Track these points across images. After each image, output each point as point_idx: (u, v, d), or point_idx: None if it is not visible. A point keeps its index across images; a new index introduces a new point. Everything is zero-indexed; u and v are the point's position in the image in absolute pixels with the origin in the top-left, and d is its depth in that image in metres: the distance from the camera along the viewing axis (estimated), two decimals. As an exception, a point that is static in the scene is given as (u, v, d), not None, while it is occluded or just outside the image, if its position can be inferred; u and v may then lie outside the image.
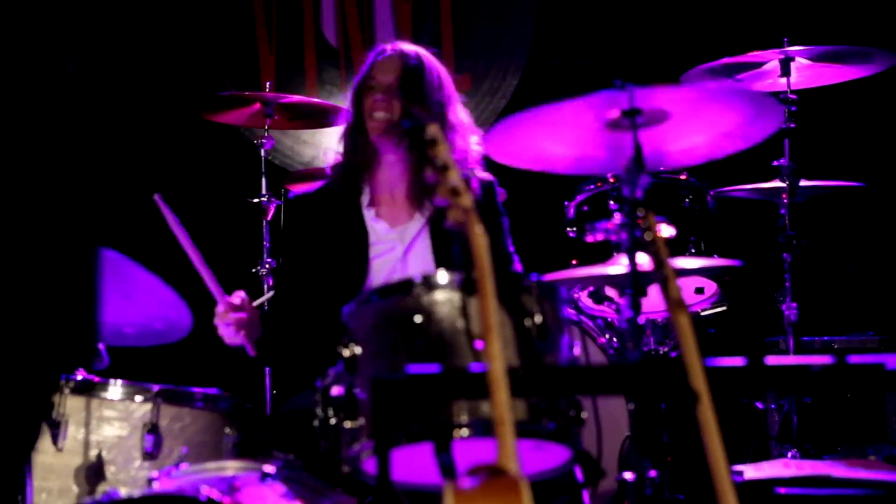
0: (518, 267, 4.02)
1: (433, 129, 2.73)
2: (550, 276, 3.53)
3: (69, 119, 1.60)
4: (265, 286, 5.31)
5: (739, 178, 5.03)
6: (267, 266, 5.32)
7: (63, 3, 1.59)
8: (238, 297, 3.79)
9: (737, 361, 2.48)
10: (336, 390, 3.27)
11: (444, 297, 2.94)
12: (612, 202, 4.72)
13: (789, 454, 4.73)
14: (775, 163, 4.95)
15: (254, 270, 5.35)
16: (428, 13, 6.81)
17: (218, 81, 6.66)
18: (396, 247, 3.93)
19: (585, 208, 4.85)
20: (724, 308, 4.85)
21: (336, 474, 3.30)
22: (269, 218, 5.36)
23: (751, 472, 3.69)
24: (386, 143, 3.93)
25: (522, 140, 3.14)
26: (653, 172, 4.47)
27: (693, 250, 4.70)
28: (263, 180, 5.40)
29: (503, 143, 3.16)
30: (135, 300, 3.64)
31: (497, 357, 2.52)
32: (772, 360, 2.43)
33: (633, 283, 3.04)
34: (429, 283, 2.97)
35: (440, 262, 3.85)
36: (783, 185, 4.92)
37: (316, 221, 3.99)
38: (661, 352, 4.81)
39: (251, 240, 5.43)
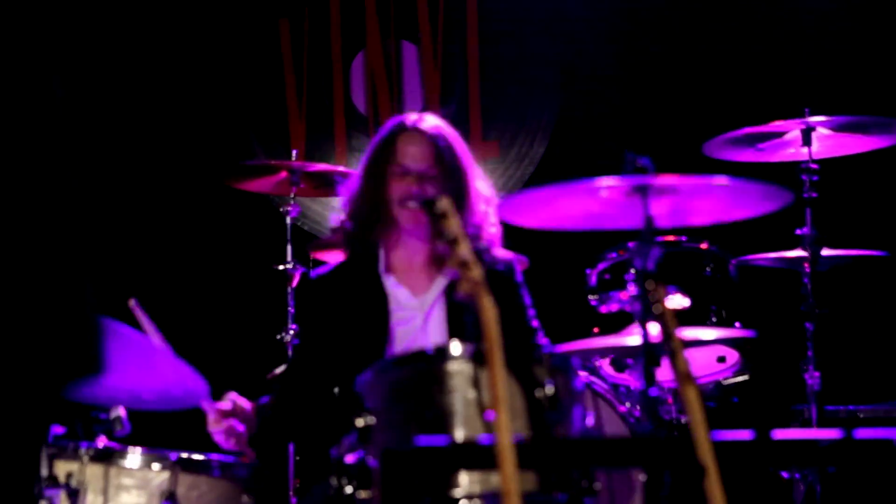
0: (542, 340, 4.02)
1: (444, 203, 2.77)
2: (570, 345, 3.56)
3: (98, 182, 1.64)
4: (289, 352, 5.34)
5: (761, 247, 5.04)
6: (291, 333, 5.36)
7: (97, 66, 1.63)
8: (230, 401, 3.79)
9: (744, 435, 2.49)
10: (349, 459, 3.30)
11: (457, 368, 2.97)
12: (631, 271, 4.74)
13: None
14: (798, 231, 4.96)
15: (278, 337, 5.38)
16: (456, 81, 6.88)
17: (248, 148, 6.74)
18: (417, 314, 3.94)
19: (607, 276, 4.86)
20: (747, 377, 4.84)
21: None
22: (294, 285, 5.40)
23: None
24: (410, 219, 3.89)
25: (540, 204, 3.19)
26: (673, 242, 4.51)
27: (714, 319, 4.70)
28: (289, 247, 5.44)
29: (520, 206, 3.20)
30: (152, 368, 3.68)
31: (505, 429, 2.54)
32: (779, 433, 2.44)
33: (646, 355, 3.05)
34: (441, 354, 3.00)
35: (454, 331, 3.85)
36: (805, 254, 4.93)
37: (336, 297, 3.99)
38: (683, 421, 4.80)
39: (276, 307, 5.47)
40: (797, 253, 4.97)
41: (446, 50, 6.89)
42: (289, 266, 5.41)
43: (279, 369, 5.28)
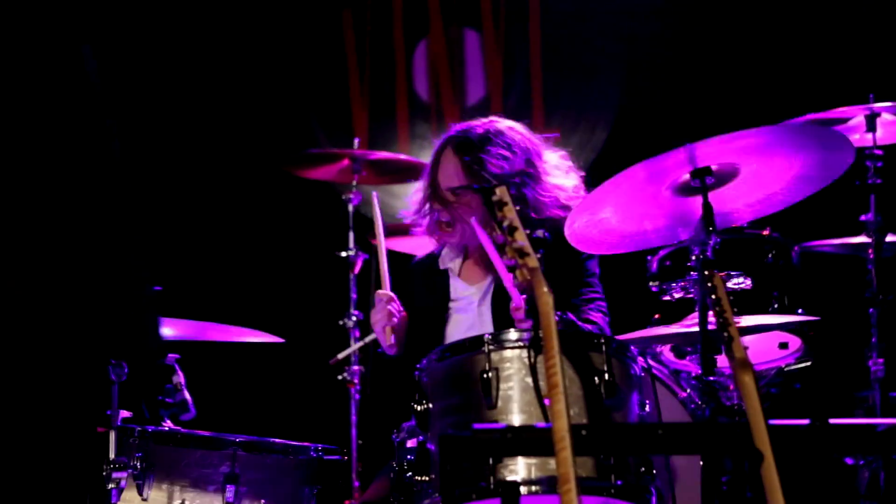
0: (595, 316, 3.97)
1: (501, 192, 2.79)
2: (632, 334, 3.56)
3: (162, 172, 1.66)
4: (352, 338, 5.39)
5: (824, 233, 5.01)
6: (353, 319, 5.40)
7: (163, 55, 1.65)
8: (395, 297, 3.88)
9: (801, 422, 2.49)
10: (410, 444, 3.35)
11: (513, 355, 3.00)
12: (693, 258, 4.74)
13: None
14: (862, 217, 4.93)
15: (340, 323, 5.43)
16: (518, 68, 6.88)
17: (312, 137, 6.79)
18: (473, 303, 3.98)
19: (668, 263, 4.86)
20: (809, 363, 4.81)
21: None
22: (356, 271, 5.45)
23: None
24: (448, 238, 3.99)
25: (596, 226, 3.22)
26: (736, 228, 4.49)
27: (776, 305, 4.68)
28: (351, 234, 5.49)
29: (577, 231, 3.24)
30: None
31: (562, 415, 2.56)
32: (837, 421, 2.44)
33: (703, 342, 3.06)
34: (498, 341, 3.02)
35: (498, 318, 3.87)
36: (869, 240, 4.89)
37: (415, 284, 4.08)
38: (738, 406, 4.79)
39: (338, 293, 5.52)
40: (861, 239, 4.94)
41: (508, 38, 6.89)
42: (351, 253, 5.46)
43: (341, 354, 5.34)
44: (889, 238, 4.87)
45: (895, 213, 4.94)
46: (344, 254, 5.48)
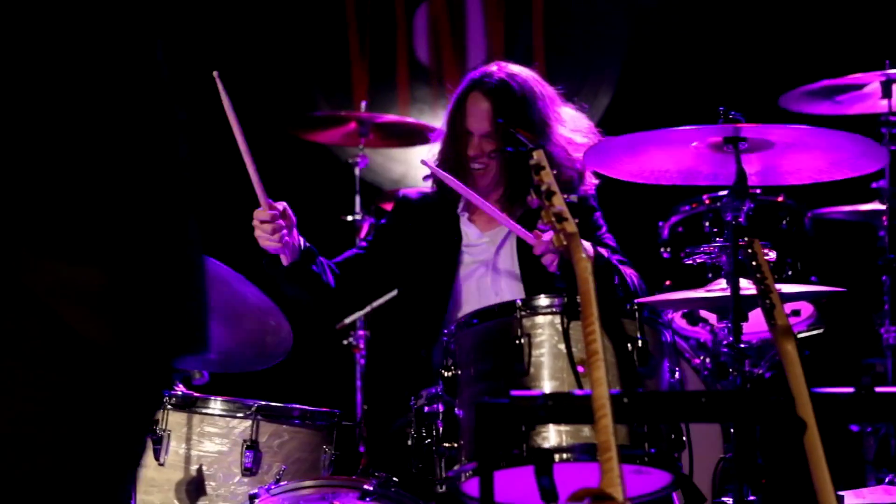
0: (628, 271, 3.90)
1: (538, 156, 2.75)
2: (649, 298, 3.52)
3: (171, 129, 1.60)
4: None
5: (837, 200, 4.98)
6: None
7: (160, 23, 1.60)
8: (282, 205, 3.72)
9: (845, 390, 2.46)
10: (430, 410, 3.30)
11: (546, 321, 2.96)
12: (707, 224, 4.70)
13: (887, 479, 4.65)
14: (874, 185, 4.90)
15: (347, 287, 5.38)
16: (521, 31, 6.82)
17: (311, 99, 6.72)
18: (486, 250, 3.90)
19: (680, 229, 4.82)
20: (822, 330, 4.79)
21: (429, 494, 3.32)
22: (362, 235, 5.40)
23: (851, 498, 3.64)
24: (479, 178, 3.89)
25: (626, 155, 3.17)
26: (751, 194, 4.45)
27: (790, 272, 4.65)
28: (357, 198, 5.44)
29: (606, 157, 3.19)
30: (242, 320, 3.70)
31: (602, 382, 2.52)
32: (881, 389, 2.40)
33: (736, 309, 3.03)
34: (530, 307, 2.98)
35: (525, 269, 3.79)
36: (882, 207, 4.86)
37: (418, 220, 3.97)
38: (756, 374, 4.77)
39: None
40: (873, 206, 4.91)
41: (510, 1, 6.83)
42: (357, 217, 5.41)
43: (348, 319, 5.29)
44: (903, 205, 4.84)
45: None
46: (350, 218, 5.42)
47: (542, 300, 2.98)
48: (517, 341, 2.93)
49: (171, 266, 1.59)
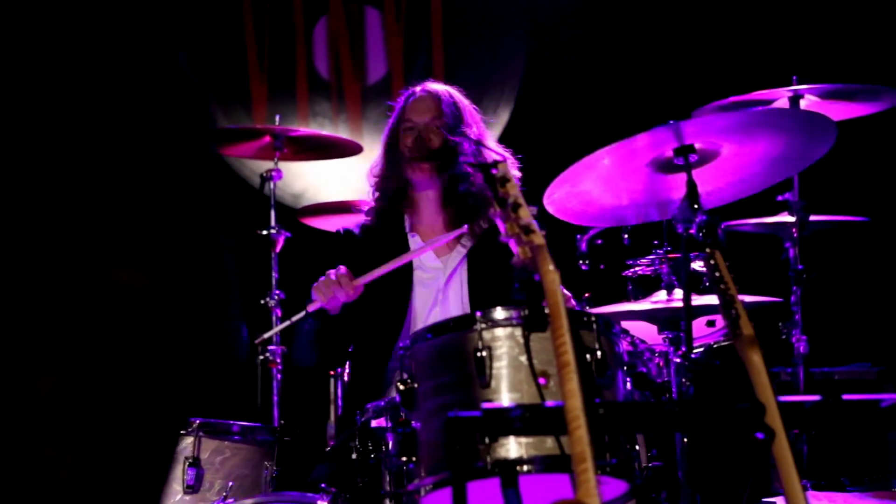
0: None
1: (503, 168, 2.77)
2: (596, 310, 3.58)
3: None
4: (273, 317, 5.30)
5: (744, 213, 5.10)
6: (276, 298, 5.32)
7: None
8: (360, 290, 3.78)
9: (811, 398, 2.53)
10: (376, 424, 3.30)
11: (505, 333, 2.97)
12: (626, 236, 4.77)
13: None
14: (780, 197, 5.03)
15: (262, 302, 5.34)
16: (419, 46, 6.85)
17: (208, 113, 6.65)
18: (439, 276, 3.97)
19: (599, 241, 4.89)
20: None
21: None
22: (277, 250, 5.36)
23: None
24: (423, 180, 3.97)
25: (576, 197, 3.21)
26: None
27: (707, 284, 4.74)
28: (272, 213, 5.39)
29: (557, 200, 3.23)
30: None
31: (575, 394, 2.55)
32: (848, 396, 2.48)
33: (687, 319, 3.08)
34: (489, 319, 3.00)
35: (474, 297, 3.89)
36: (789, 219, 4.99)
37: (365, 251, 4.01)
38: (660, 382, 4.85)
39: (260, 272, 5.42)
40: (777, 218, 5.03)
41: (409, 16, 6.86)
42: (273, 231, 5.37)
43: (267, 334, 5.24)
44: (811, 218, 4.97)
45: (813, 192, 5.04)
46: (265, 232, 5.38)
47: (499, 313, 3.00)
48: (477, 354, 2.94)
49: (211, 274, 1.58)
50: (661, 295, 3.76)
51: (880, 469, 5.28)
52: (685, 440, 3.09)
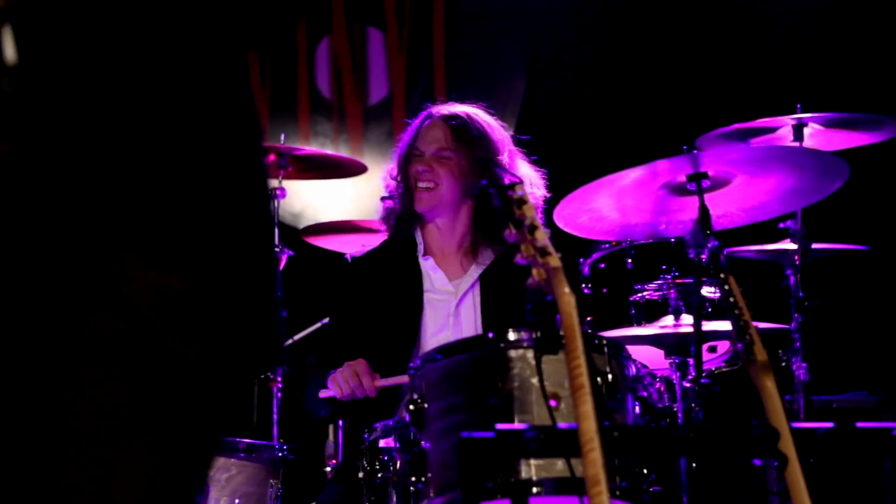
0: None
1: (520, 189, 2.77)
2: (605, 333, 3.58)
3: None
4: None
5: (746, 240, 5.12)
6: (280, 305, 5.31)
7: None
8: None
9: (825, 425, 2.54)
10: (384, 444, 3.31)
11: (518, 355, 2.98)
12: (629, 261, 4.78)
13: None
14: (782, 225, 5.04)
15: (264, 320, 5.34)
16: (422, 66, 6.87)
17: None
18: (451, 300, 3.96)
19: (602, 265, 4.90)
20: (738, 366, 4.90)
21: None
22: (280, 268, 5.36)
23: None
24: (427, 210, 3.96)
25: (587, 212, 3.23)
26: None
27: (710, 310, 4.76)
28: (276, 230, 5.40)
29: (567, 216, 3.25)
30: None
31: (589, 416, 2.55)
32: (862, 424, 2.49)
33: (697, 343, 3.10)
34: (501, 340, 3.01)
35: (487, 320, 3.88)
36: (791, 246, 5.01)
37: (372, 279, 4.00)
38: (661, 407, 4.86)
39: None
40: (778, 245, 5.05)
41: (412, 36, 6.88)
42: (276, 249, 5.37)
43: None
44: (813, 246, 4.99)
45: (815, 220, 5.06)
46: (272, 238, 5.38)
47: (513, 334, 3.01)
48: (490, 375, 2.95)
49: (256, 280, 1.58)
50: (669, 320, 3.77)
51: (877, 499, 5.29)
52: (693, 465, 3.09)
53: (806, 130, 4.99)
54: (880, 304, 6.22)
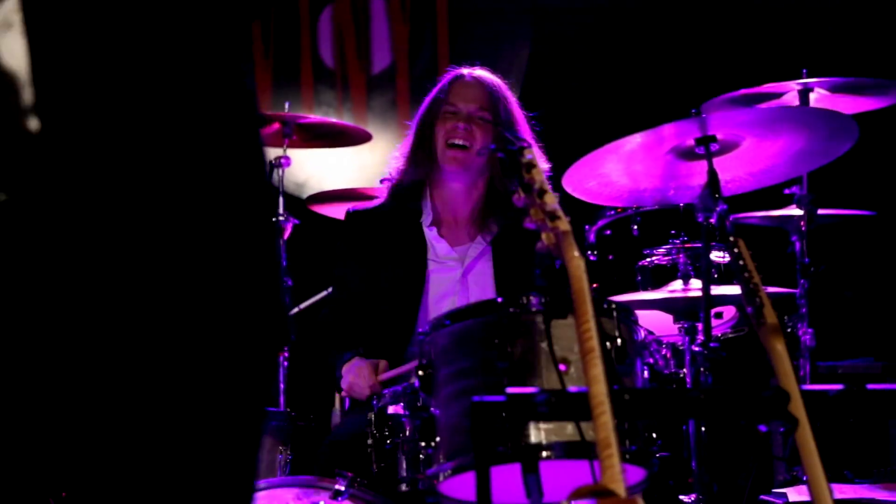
0: None
1: (530, 153, 2.77)
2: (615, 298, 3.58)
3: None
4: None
5: (751, 205, 5.11)
6: (284, 285, 5.32)
7: None
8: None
9: (835, 387, 2.54)
10: (393, 410, 3.31)
11: (526, 319, 2.98)
12: (635, 227, 4.78)
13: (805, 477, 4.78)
14: (787, 191, 5.03)
15: (270, 289, 5.34)
16: (425, 35, 6.85)
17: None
18: (457, 267, 3.95)
19: (608, 232, 4.90)
20: (745, 332, 4.91)
21: (391, 493, 3.33)
22: (286, 237, 5.36)
23: (794, 495, 3.75)
24: (455, 170, 3.93)
25: (596, 178, 3.22)
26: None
27: (716, 275, 4.76)
28: (281, 199, 5.39)
29: (575, 180, 3.24)
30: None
31: (600, 379, 2.55)
32: (872, 386, 2.49)
33: (706, 307, 3.10)
34: (511, 305, 3.01)
35: (501, 286, 3.87)
36: (799, 212, 5.00)
37: (374, 237, 3.98)
38: (681, 374, 4.87)
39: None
40: (783, 212, 5.04)
41: (415, 4, 6.86)
42: (281, 218, 5.36)
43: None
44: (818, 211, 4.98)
45: (821, 186, 5.05)
46: (273, 219, 5.37)
47: (523, 299, 3.01)
48: (498, 340, 2.95)
49: (266, 262, 1.59)
50: (677, 284, 3.76)
51: (882, 461, 5.31)
52: (703, 429, 3.10)
53: (812, 95, 4.98)
54: (886, 270, 6.21)
